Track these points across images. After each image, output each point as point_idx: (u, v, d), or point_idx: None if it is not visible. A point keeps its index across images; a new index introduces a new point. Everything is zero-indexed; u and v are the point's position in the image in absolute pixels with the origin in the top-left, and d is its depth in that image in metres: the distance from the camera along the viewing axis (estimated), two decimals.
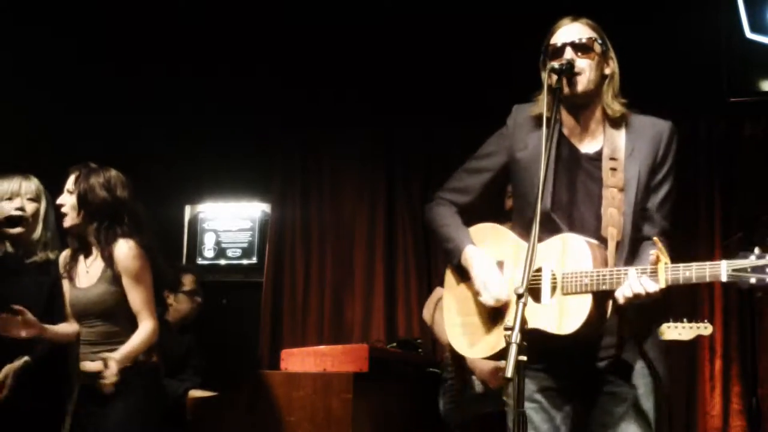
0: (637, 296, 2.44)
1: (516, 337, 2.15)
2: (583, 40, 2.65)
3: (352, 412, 4.07)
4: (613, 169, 2.63)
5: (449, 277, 2.86)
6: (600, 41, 2.68)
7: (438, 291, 4.44)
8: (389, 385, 4.38)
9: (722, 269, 2.34)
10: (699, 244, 5.48)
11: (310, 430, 4.13)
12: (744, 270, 2.30)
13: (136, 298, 3.48)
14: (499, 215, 2.98)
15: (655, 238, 2.49)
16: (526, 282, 2.24)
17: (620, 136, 2.67)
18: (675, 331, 4.54)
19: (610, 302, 2.55)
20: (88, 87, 5.56)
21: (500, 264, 2.71)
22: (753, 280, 2.29)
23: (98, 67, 5.61)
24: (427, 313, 4.47)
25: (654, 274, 2.44)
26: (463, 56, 5.62)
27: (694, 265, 2.40)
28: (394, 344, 5.12)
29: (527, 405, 2.60)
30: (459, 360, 4.21)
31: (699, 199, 5.55)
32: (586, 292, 2.51)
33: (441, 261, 5.29)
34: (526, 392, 2.59)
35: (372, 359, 4.19)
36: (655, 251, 2.44)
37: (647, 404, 2.62)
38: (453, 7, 5.35)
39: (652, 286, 2.43)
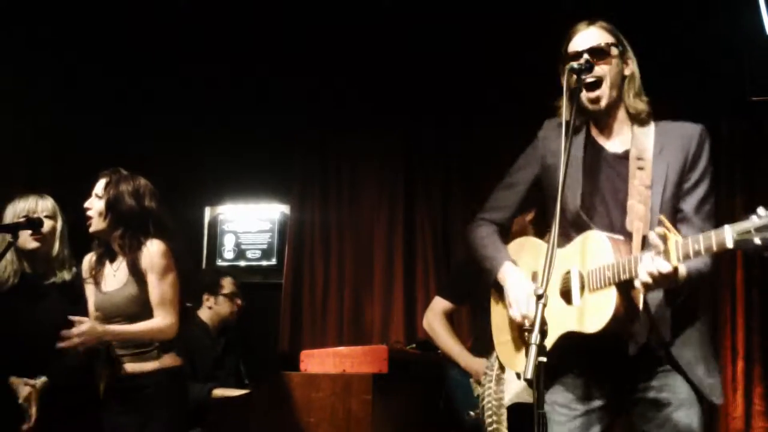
0: (653, 278, 2.38)
1: (535, 338, 2.13)
2: (601, 45, 2.65)
3: (371, 413, 4.07)
4: (641, 168, 2.63)
5: (492, 296, 2.90)
6: (617, 44, 2.68)
7: (437, 300, 4.43)
8: (409, 386, 4.37)
9: (727, 234, 2.26)
10: None
11: (329, 431, 4.13)
12: (748, 232, 2.20)
13: (156, 293, 3.47)
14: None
15: (660, 216, 2.44)
16: (545, 282, 2.22)
17: (648, 137, 2.67)
18: None
19: (640, 296, 2.52)
20: (109, 88, 5.59)
21: (535, 275, 2.72)
22: (758, 241, 2.18)
23: (121, 67, 5.63)
24: (425, 322, 4.43)
25: (666, 253, 2.38)
26: (481, 58, 5.61)
27: (701, 235, 2.33)
28: (414, 345, 5.10)
29: (563, 412, 2.60)
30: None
31: (720, 200, 5.49)
32: (610, 284, 2.49)
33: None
34: (562, 400, 2.61)
35: (391, 360, 4.19)
36: (662, 229, 2.39)
37: (687, 412, 2.57)
38: (476, 9, 5.33)
39: (665, 266, 2.37)
